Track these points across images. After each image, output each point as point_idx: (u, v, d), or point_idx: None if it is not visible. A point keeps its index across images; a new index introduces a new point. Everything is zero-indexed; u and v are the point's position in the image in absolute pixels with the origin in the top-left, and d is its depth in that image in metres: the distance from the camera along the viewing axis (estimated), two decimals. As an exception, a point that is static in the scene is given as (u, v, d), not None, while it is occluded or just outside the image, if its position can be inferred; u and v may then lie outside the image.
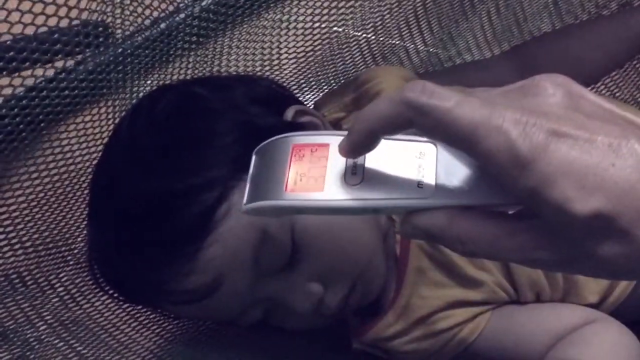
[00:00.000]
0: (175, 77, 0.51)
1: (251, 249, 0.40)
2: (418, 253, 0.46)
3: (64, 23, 0.40)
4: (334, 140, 0.28)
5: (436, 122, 0.23)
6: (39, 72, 0.41)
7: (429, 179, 0.26)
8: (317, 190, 0.27)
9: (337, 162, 0.27)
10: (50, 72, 0.44)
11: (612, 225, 0.22)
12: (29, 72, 0.42)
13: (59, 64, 0.44)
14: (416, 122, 0.24)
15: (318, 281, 0.43)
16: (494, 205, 0.25)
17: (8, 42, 0.40)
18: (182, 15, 0.48)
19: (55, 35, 0.42)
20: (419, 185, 0.26)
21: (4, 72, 0.41)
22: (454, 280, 0.46)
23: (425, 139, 0.27)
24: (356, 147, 0.26)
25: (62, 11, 0.41)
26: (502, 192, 0.24)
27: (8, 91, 0.41)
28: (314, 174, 0.27)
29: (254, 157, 0.30)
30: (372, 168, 0.27)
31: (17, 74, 0.42)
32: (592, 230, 0.22)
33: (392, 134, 0.26)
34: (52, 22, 0.40)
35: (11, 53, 0.41)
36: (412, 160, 0.26)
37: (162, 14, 0.49)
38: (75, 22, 0.42)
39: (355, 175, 0.27)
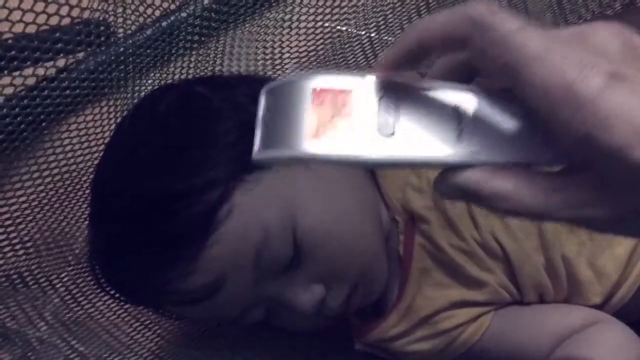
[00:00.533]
0: (176, 76, 0.50)
1: (253, 250, 0.40)
2: (421, 254, 0.46)
3: (65, 22, 0.40)
4: (359, 84, 0.25)
5: (495, 43, 0.22)
6: (40, 71, 0.41)
7: (468, 133, 0.24)
8: (343, 140, 0.24)
9: (366, 109, 0.25)
10: (52, 71, 0.43)
11: None
12: (30, 71, 0.41)
13: (60, 63, 0.44)
14: (474, 39, 0.23)
15: (320, 282, 0.43)
16: (538, 162, 0.24)
17: (9, 41, 0.40)
18: (184, 14, 0.48)
19: (57, 34, 0.42)
20: (459, 139, 0.24)
21: (5, 71, 0.41)
22: (457, 280, 0.45)
23: (466, 87, 0.25)
24: (401, 57, 0.24)
25: (64, 10, 0.41)
26: (547, 148, 0.23)
27: (9, 90, 0.41)
28: (339, 122, 0.25)
29: (263, 97, 0.27)
30: (407, 117, 0.25)
31: (18, 72, 0.42)
32: None
33: (443, 51, 0.24)
34: (54, 21, 0.40)
35: (12, 52, 0.40)
36: (451, 112, 0.24)
37: (164, 13, 0.48)
38: (77, 20, 0.42)
39: (388, 124, 0.25)
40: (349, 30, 0.57)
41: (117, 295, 0.48)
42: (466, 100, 0.25)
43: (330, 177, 0.44)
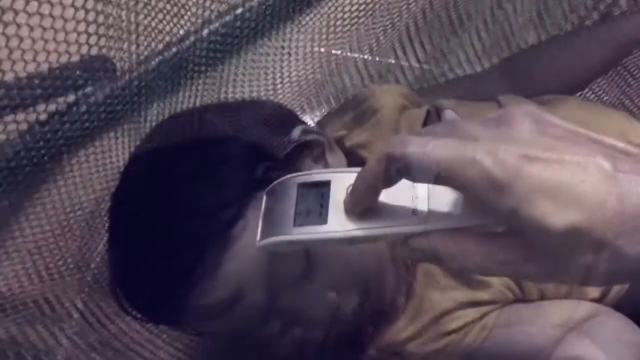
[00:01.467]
0: (185, 104, 0.53)
1: (267, 263, 0.42)
2: (425, 259, 0.48)
3: (72, 56, 0.42)
4: (334, 176, 0.31)
5: (418, 168, 0.26)
6: (61, 106, 0.44)
7: (422, 206, 0.28)
8: (322, 223, 0.29)
9: (338, 197, 0.30)
10: (62, 106, 0.46)
11: (587, 236, 0.24)
12: (42, 107, 0.44)
13: (70, 98, 0.46)
14: (402, 171, 0.27)
15: (332, 289, 0.44)
16: (482, 225, 0.27)
17: (24, 80, 0.42)
18: (190, 44, 0.51)
19: (65, 71, 0.45)
20: (414, 212, 0.28)
21: (20, 108, 0.43)
22: (461, 282, 0.47)
23: None
24: (360, 203, 0.29)
25: (72, 47, 0.43)
26: (487, 213, 0.26)
27: (23, 126, 0.43)
28: (319, 209, 0.30)
29: (264, 197, 0.33)
30: None
31: (32, 109, 0.44)
32: (569, 242, 0.24)
33: (388, 187, 0.28)
34: (53, 58, 0.42)
35: (27, 90, 0.43)
36: (407, 190, 0.29)
37: (168, 45, 0.51)
38: (85, 57, 0.44)
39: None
40: (344, 53, 0.60)
41: (138, 315, 0.49)
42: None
43: None
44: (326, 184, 0.31)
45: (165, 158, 0.46)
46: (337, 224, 0.29)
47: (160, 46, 0.51)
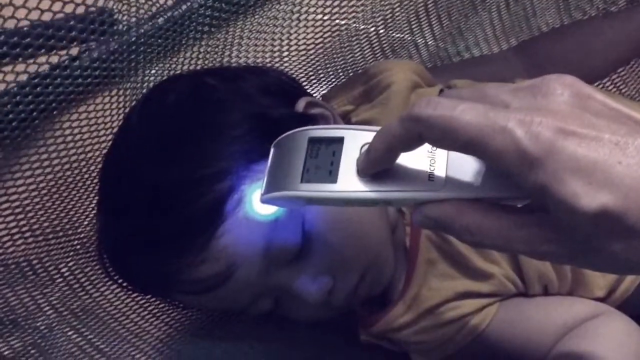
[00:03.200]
0: (185, 66, 0.51)
1: (262, 239, 0.41)
2: (428, 245, 0.46)
3: (79, 10, 0.40)
4: (348, 133, 0.29)
5: (444, 132, 0.24)
6: (53, 58, 0.41)
7: (440, 172, 0.27)
8: (331, 181, 0.28)
9: (351, 155, 0.28)
10: (63, 59, 0.44)
11: (619, 221, 0.23)
12: (44, 59, 0.42)
13: (71, 51, 0.44)
14: (425, 135, 0.25)
15: (328, 272, 0.43)
16: (503, 198, 0.26)
17: (25, 28, 0.40)
18: (195, 5, 0.48)
19: (71, 22, 0.42)
20: (430, 177, 0.27)
21: (20, 59, 0.41)
22: (463, 272, 0.46)
23: None
24: (376, 165, 0.27)
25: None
26: (511, 186, 0.25)
27: (23, 77, 0.41)
28: (328, 166, 0.28)
29: (272, 149, 0.31)
30: None
31: (32, 60, 0.42)
32: (599, 226, 0.23)
33: (408, 150, 0.27)
34: (67, 8, 0.40)
35: (28, 39, 0.40)
36: (424, 154, 0.27)
37: (175, 3, 0.48)
38: (91, 9, 0.42)
39: None
40: (357, 24, 0.57)
41: (125, 284, 0.48)
42: None
43: None
44: (339, 141, 0.29)
45: (160, 122, 0.44)
46: (348, 183, 0.28)
47: (165, 3, 0.48)
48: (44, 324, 0.43)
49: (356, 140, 0.29)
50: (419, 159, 0.27)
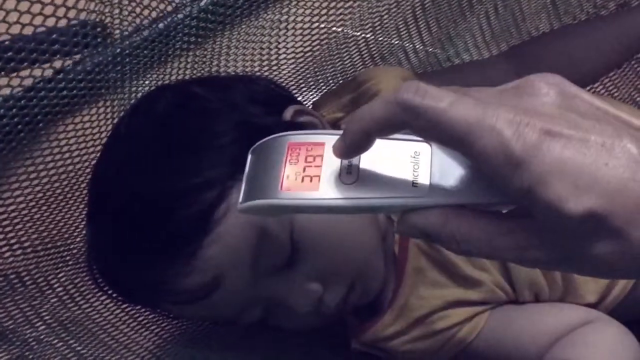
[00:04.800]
0: (173, 77, 0.51)
1: (250, 249, 0.41)
2: (417, 253, 0.46)
3: (62, 23, 0.41)
4: (329, 139, 0.28)
5: (430, 123, 0.24)
6: (37, 72, 0.42)
7: (424, 178, 0.26)
8: (312, 189, 0.27)
9: (332, 161, 0.28)
10: (48, 72, 0.44)
11: (606, 224, 0.22)
12: (27, 72, 0.42)
13: (57, 64, 0.44)
14: (410, 123, 0.24)
15: (317, 280, 0.43)
16: (488, 204, 0.26)
17: (6, 42, 0.40)
18: (181, 15, 0.48)
19: (53, 36, 0.43)
20: (414, 184, 0.26)
21: (2, 72, 0.41)
22: (452, 280, 0.46)
23: (420, 138, 0.27)
24: (350, 148, 0.26)
25: (61, 12, 0.41)
26: (496, 191, 0.25)
27: (6, 91, 0.41)
28: (309, 173, 0.28)
29: (250, 156, 0.30)
30: (367, 167, 0.27)
31: (15, 74, 0.42)
32: (585, 229, 0.22)
33: (387, 135, 0.26)
34: (50, 22, 0.40)
35: (9, 53, 0.41)
36: (407, 160, 0.27)
37: (161, 14, 0.49)
38: (73, 22, 0.42)
39: (351, 174, 0.27)
40: (345, 31, 0.57)
41: (114, 295, 0.48)
42: (421, 149, 0.27)
43: None
44: (320, 146, 0.28)
45: (147, 132, 0.44)
46: (330, 190, 0.27)
47: (151, 14, 0.48)
48: (32, 336, 0.42)
49: None
50: (402, 165, 0.27)
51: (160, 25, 0.49)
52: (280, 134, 0.29)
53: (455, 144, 0.24)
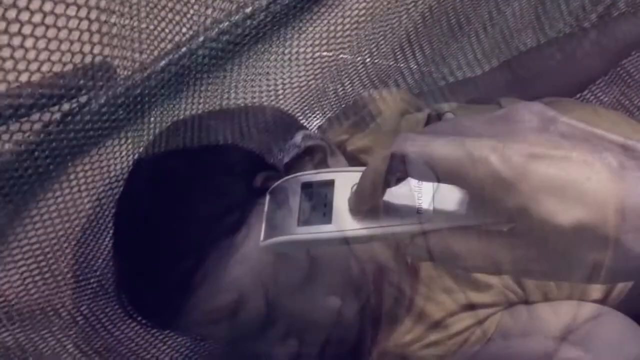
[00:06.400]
0: (187, 111, 0.53)
1: (271, 267, 0.43)
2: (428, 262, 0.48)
3: (69, 66, 0.42)
4: (338, 175, 0.31)
5: (420, 166, 0.26)
6: (49, 115, 0.44)
7: (427, 205, 0.28)
8: (326, 222, 0.29)
9: (342, 196, 0.30)
10: (65, 113, 0.46)
11: (593, 233, 0.24)
12: (37, 117, 0.43)
13: (65, 107, 0.46)
14: (408, 170, 0.27)
15: (334, 294, 0.45)
16: (489, 224, 0.28)
17: (17, 90, 0.42)
18: (191, 49, 0.51)
19: (65, 78, 0.45)
20: (419, 211, 0.28)
21: (14, 119, 0.43)
22: (464, 285, 0.47)
23: None
24: (364, 202, 0.29)
25: (67, 56, 0.43)
26: (494, 211, 0.26)
27: (18, 136, 0.42)
28: (323, 208, 0.30)
29: (267, 197, 0.33)
30: None
31: (26, 119, 0.44)
32: (577, 239, 0.24)
33: (392, 186, 0.28)
34: (56, 67, 0.42)
35: (20, 100, 0.43)
36: (411, 189, 0.29)
37: (171, 49, 0.51)
38: (80, 65, 0.44)
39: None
40: (345, 58, 0.60)
41: (144, 321, 0.50)
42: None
43: None
44: (330, 183, 0.31)
45: (168, 165, 0.46)
46: (342, 223, 0.29)
47: (162, 53, 0.51)
48: (70, 364, 0.44)
49: (346, 181, 0.31)
50: (407, 194, 0.29)
51: (171, 60, 0.51)
52: (293, 175, 0.32)
53: (450, 179, 0.26)
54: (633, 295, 0.48)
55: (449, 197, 0.28)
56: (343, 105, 0.65)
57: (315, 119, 0.64)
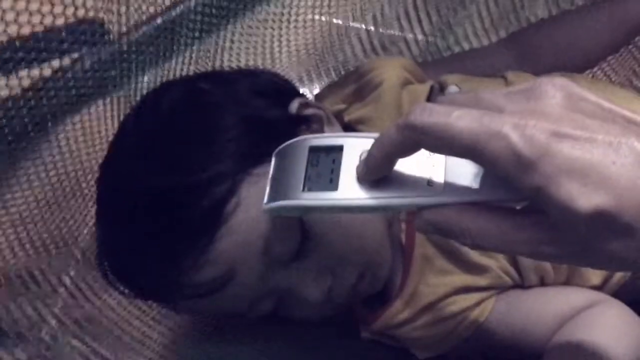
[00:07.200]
0: (177, 72, 0.51)
1: (261, 241, 0.41)
2: (423, 241, 0.47)
3: (69, 20, 0.41)
4: (347, 141, 0.29)
5: (439, 139, 0.25)
6: (46, 71, 0.42)
7: (438, 177, 0.27)
8: (332, 189, 0.28)
9: (350, 163, 0.29)
10: (54, 70, 0.44)
11: (615, 220, 0.23)
12: (25, 73, 0.42)
13: (56, 63, 0.44)
14: (422, 142, 0.26)
15: (327, 270, 0.43)
16: (502, 201, 0.26)
17: (4, 44, 0.40)
18: (184, 9, 0.49)
19: (54, 34, 0.43)
20: (429, 183, 0.27)
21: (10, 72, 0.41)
22: (459, 266, 0.46)
23: None
24: (374, 172, 0.28)
25: (59, 10, 0.41)
26: (509, 188, 0.25)
27: (5, 92, 0.41)
28: (329, 174, 0.29)
29: (273, 159, 0.32)
30: None
31: (15, 74, 0.42)
32: (596, 226, 0.23)
33: (405, 156, 0.27)
34: (48, 21, 0.40)
35: (7, 54, 0.41)
36: (423, 160, 0.28)
37: (164, 9, 0.49)
38: (71, 20, 0.42)
39: None
40: (346, 22, 0.58)
41: (126, 291, 0.48)
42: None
43: None
44: (338, 149, 0.30)
45: (155, 128, 0.44)
46: (348, 191, 0.28)
47: (153, 10, 0.49)
48: (48, 334, 0.43)
49: (355, 148, 0.29)
50: (418, 165, 0.28)
51: (164, 19, 0.49)
52: (302, 137, 0.31)
53: (467, 154, 0.25)
54: (632, 283, 0.47)
55: (462, 170, 0.27)
56: (342, 73, 0.63)
57: (312, 85, 0.62)
